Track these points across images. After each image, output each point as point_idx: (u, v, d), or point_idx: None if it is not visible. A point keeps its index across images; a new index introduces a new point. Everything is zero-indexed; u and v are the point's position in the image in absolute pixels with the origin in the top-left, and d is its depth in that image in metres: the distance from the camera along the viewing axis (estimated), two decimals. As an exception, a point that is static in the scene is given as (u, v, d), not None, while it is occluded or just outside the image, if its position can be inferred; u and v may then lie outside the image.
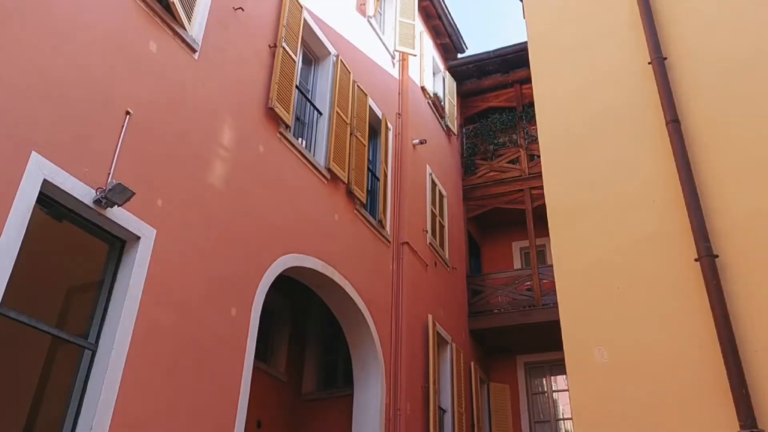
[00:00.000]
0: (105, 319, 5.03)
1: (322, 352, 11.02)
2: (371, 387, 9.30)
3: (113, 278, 5.22)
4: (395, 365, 9.73)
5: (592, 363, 5.09)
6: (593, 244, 5.54)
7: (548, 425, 13.18)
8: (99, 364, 4.82)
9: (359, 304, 9.19)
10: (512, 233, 15.57)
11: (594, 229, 5.60)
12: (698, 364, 4.67)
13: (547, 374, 13.69)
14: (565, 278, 5.52)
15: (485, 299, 13.55)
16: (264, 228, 7.24)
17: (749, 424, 4.20)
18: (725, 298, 4.66)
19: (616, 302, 5.21)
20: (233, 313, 6.39)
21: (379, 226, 10.39)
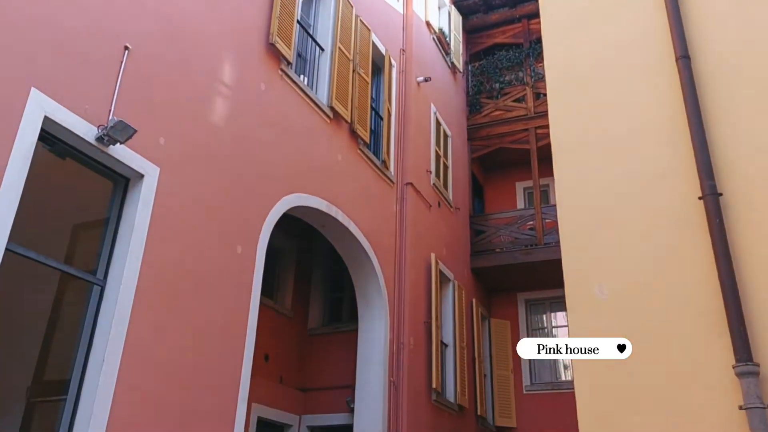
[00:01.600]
0: (112, 256, 5.10)
1: (328, 290, 11.22)
2: (375, 322, 9.50)
3: (119, 216, 5.26)
4: (399, 302, 9.91)
5: (591, 300, 5.17)
6: (597, 181, 5.53)
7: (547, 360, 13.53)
8: (108, 299, 4.92)
9: (363, 244, 9.28)
10: (516, 173, 15.53)
11: (599, 166, 5.58)
12: (697, 301, 4.75)
13: (547, 311, 13.95)
14: (568, 216, 5.54)
15: (488, 239, 13.65)
16: (267, 167, 7.23)
17: (744, 358, 4.30)
18: (727, 236, 4.68)
19: (617, 240, 5.24)
20: (239, 250, 6.47)
21: (383, 166, 10.36)
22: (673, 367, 4.64)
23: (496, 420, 12.89)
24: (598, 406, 4.80)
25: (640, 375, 4.73)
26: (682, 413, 4.49)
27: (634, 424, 4.60)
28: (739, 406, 4.26)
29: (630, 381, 4.75)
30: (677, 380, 4.59)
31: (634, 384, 4.72)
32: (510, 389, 13.17)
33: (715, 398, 4.42)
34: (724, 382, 4.42)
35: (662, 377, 4.64)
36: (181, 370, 5.40)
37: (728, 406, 4.35)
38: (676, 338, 4.72)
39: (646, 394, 4.65)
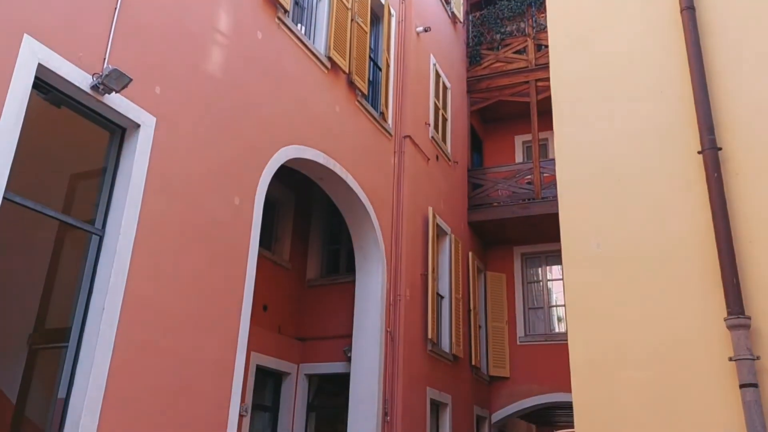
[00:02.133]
0: (110, 206, 5.10)
1: (326, 242, 11.28)
2: (372, 274, 9.60)
3: (116, 166, 5.23)
4: (396, 254, 9.99)
5: (587, 253, 5.21)
6: (597, 134, 5.50)
7: (541, 311, 13.74)
8: (107, 249, 4.95)
9: (361, 197, 9.28)
10: (515, 127, 15.44)
11: (599, 119, 5.54)
12: (692, 255, 4.79)
13: (543, 264, 14.09)
14: (566, 168, 5.53)
15: (485, 192, 13.66)
16: (264, 118, 7.16)
17: (736, 312, 4.37)
18: (725, 190, 4.70)
19: (615, 194, 5.25)
20: (237, 202, 6.47)
21: (381, 118, 10.27)
22: (666, 321, 4.72)
23: (490, 370, 13.19)
24: (590, 358, 4.90)
25: (632, 328, 4.81)
26: (672, 365, 4.59)
27: (625, 376, 4.71)
28: (729, 357, 4.35)
29: (622, 334, 4.83)
30: (669, 333, 4.67)
31: (626, 337, 4.81)
32: (504, 340, 13.42)
33: (706, 350, 4.51)
34: (715, 335, 4.51)
35: (654, 330, 4.73)
36: (181, 318, 5.48)
37: (718, 359, 4.44)
38: (670, 292, 4.78)
39: (637, 346, 4.74)
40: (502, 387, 13.28)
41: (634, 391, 4.63)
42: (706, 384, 4.44)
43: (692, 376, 4.51)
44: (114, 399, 4.68)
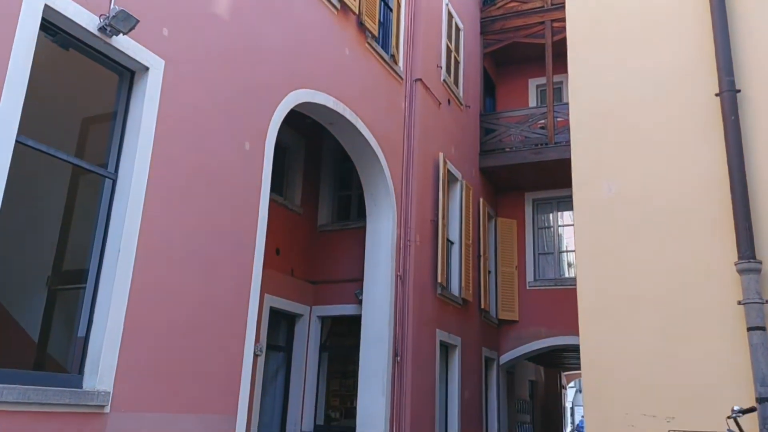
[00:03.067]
0: (122, 150, 5.11)
1: (336, 188, 11.31)
2: (383, 220, 9.65)
3: (126, 110, 5.22)
4: (406, 200, 10.00)
5: (599, 197, 5.20)
6: (612, 77, 5.39)
7: (551, 257, 13.82)
8: (120, 192, 4.99)
9: (371, 142, 9.23)
10: (529, 70, 15.14)
11: (615, 61, 5.42)
12: (704, 199, 4.77)
13: (554, 210, 14.08)
14: (580, 112, 5.45)
15: (498, 138, 13.53)
16: (273, 62, 7.06)
17: (747, 255, 4.38)
18: (741, 133, 4.62)
19: (629, 137, 5.19)
20: (247, 147, 6.46)
21: (392, 61, 10.09)
22: (676, 265, 4.74)
23: (499, 313, 13.38)
24: (598, 301, 4.95)
25: (641, 272, 4.84)
26: (680, 309, 4.64)
27: (633, 319, 4.77)
28: (738, 301, 4.39)
29: (631, 278, 4.87)
30: (678, 277, 4.70)
31: (635, 281, 4.85)
32: (514, 285, 13.57)
33: (715, 294, 4.55)
34: (724, 279, 4.53)
35: (664, 274, 4.75)
36: (195, 261, 5.57)
37: (727, 302, 4.48)
38: (681, 236, 4.78)
39: (646, 290, 4.78)
40: (511, 330, 13.51)
41: (641, 333, 4.70)
42: (713, 327, 4.50)
43: (700, 320, 4.56)
44: (132, 338, 4.82)
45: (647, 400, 4.51)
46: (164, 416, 5.08)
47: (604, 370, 4.76)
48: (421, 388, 9.51)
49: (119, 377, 4.68)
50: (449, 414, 10.92)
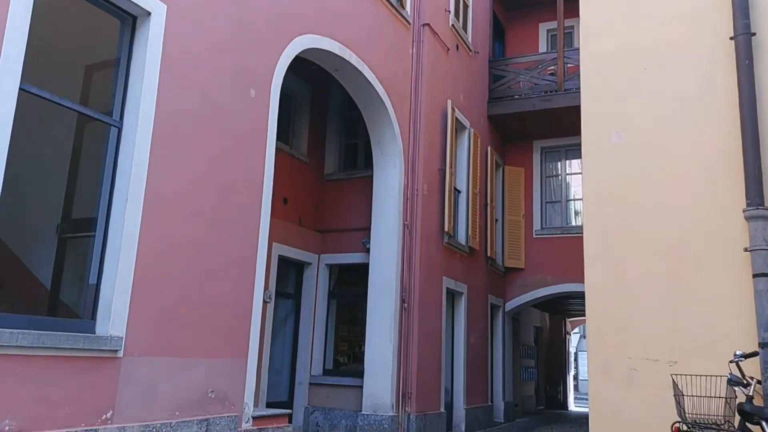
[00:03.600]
0: (126, 98, 5.07)
1: (343, 136, 11.23)
2: (390, 169, 9.62)
3: (129, 56, 5.15)
4: (413, 149, 9.94)
5: (608, 145, 5.14)
6: (625, 20, 5.25)
7: (559, 205, 13.80)
8: (126, 141, 4.98)
9: (378, 89, 9.11)
10: (540, 13, 14.77)
11: (628, 4, 5.27)
12: (715, 145, 4.70)
13: (563, 158, 13.97)
14: (591, 57, 5.34)
15: (507, 84, 13.31)
16: (278, 7, 6.90)
17: (756, 202, 4.35)
18: (755, 78, 4.52)
19: (640, 83, 5.09)
20: (252, 94, 6.39)
21: (399, 5, 9.85)
22: (683, 211, 4.72)
23: (506, 261, 13.48)
24: (604, 247, 4.96)
25: (649, 218, 4.83)
26: (686, 255, 4.64)
27: (638, 265, 4.78)
28: (744, 248, 4.39)
29: (638, 224, 4.86)
30: (685, 224, 4.69)
31: (642, 227, 4.84)
32: (520, 233, 13.61)
33: (721, 241, 4.54)
34: (732, 226, 4.52)
35: (671, 221, 4.74)
36: (203, 209, 5.60)
37: (734, 249, 4.48)
38: (690, 182, 4.75)
39: (653, 236, 4.78)
40: (517, 277, 13.63)
41: (646, 279, 4.73)
42: (718, 274, 4.51)
43: (705, 266, 4.57)
44: (143, 285, 4.90)
45: (650, 345, 4.57)
46: (176, 360, 5.21)
47: (608, 315, 4.81)
48: (428, 334, 9.67)
49: (131, 323, 4.78)
50: (455, 359, 11.15)
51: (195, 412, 5.36)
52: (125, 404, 4.69)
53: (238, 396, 5.87)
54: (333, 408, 9.61)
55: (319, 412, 9.70)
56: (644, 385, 4.52)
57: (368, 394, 8.96)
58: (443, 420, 10.01)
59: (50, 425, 4.15)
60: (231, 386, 5.80)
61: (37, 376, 4.08)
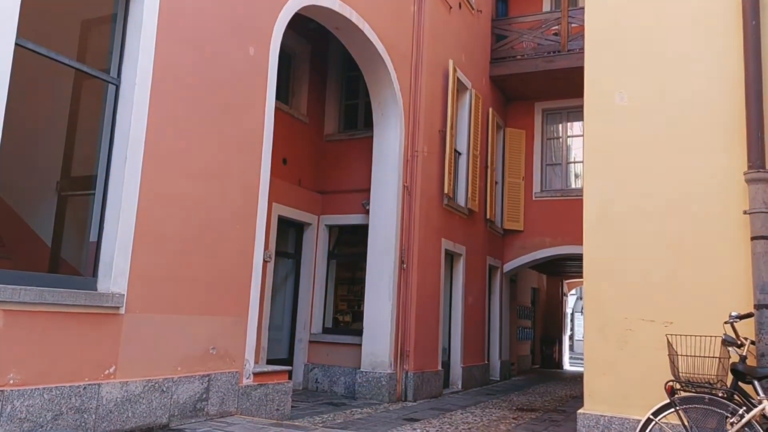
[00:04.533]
0: (123, 55, 5.01)
1: (343, 96, 11.12)
2: (390, 130, 9.56)
3: (126, 12, 5.06)
4: (414, 109, 9.86)
5: (611, 106, 5.10)
6: (631, -21, 5.14)
7: (559, 168, 13.77)
8: (124, 99, 4.93)
9: (379, 48, 8.97)
10: (544, -28, 14.44)
11: (635, -39, 5.16)
12: (717, 107, 4.67)
13: (564, 120, 13.88)
14: (596, 17, 5.25)
15: (509, 44, 13.12)
16: (277, -40, 6.75)
17: (758, 165, 4.34)
18: (761, 40, 4.46)
19: (645, 43, 5.02)
20: (251, 52, 6.30)
21: (401, -40, 9.63)
22: (683, 174, 4.71)
23: (505, 223, 13.52)
24: (604, 209, 4.97)
25: (648, 181, 4.83)
26: (685, 218, 4.65)
27: (637, 228, 4.80)
28: (743, 211, 4.40)
29: (638, 187, 4.86)
30: (685, 187, 4.69)
31: (641, 190, 4.84)
32: (520, 195, 13.61)
33: (720, 204, 4.55)
34: (732, 189, 4.52)
35: (671, 184, 4.74)
36: (202, 168, 5.59)
37: (732, 212, 4.49)
38: (691, 145, 4.73)
39: (652, 199, 4.79)
40: (516, 239, 13.69)
41: (644, 241, 4.75)
42: (716, 236, 4.53)
43: (703, 229, 4.59)
44: (143, 242, 4.93)
45: (646, 306, 4.62)
46: (178, 317, 5.28)
47: (606, 276, 4.85)
48: (426, 294, 9.77)
49: (132, 280, 4.82)
50: (453, 318, 11.29)
51: (197, 367, 5.45)
52: (128, 360, 4.77)
53: (239, 352, 5.96)
54: (332, 365, 9.78)
55: (318, 369, 9.87)
56: (639, 345, 4.59)
57: (367, 352, 9.11)
58: (440, 378, 10.20)
59: (54, 379, 4.23)
60: (232, 343, 5.88)
61: (40, 332, 4.14)
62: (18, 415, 3.95)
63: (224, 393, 5.72)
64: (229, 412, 5.75)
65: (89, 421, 4.43)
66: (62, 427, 4.23)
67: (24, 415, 3.99)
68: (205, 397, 5.50)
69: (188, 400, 5.31)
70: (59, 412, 4.22)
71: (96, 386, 4.50)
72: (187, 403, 5.30)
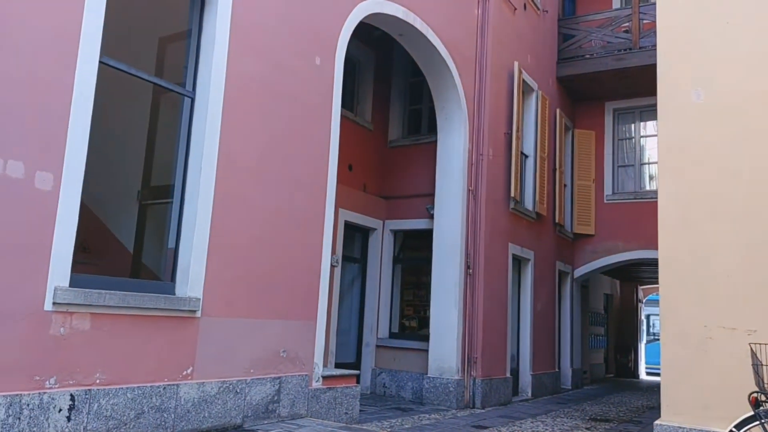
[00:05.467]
0: (198, 69, 5.23)
1: (407, 102, 11.17)
2: (454, 133, 9.52)
3: (200, 28, 5.29)
4: (479, 112, 9.78)
5: (686, 104, 4.91)
6: (706, -29, 4.94)
7: (631, 169, 13.31)
8: (199, 111, 5.15)
9: (442, 53, 8.97)
10: (613, -32, 14.04)
11: (710, -47, 4.95)
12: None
13: (636, 120, 13.42)
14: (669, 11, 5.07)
15: (577, 44, 12.82)
16: (342, -30, 6.88)
17: None
18: None
19: (722, 39, 4.81)
20: (317, 62, 6.44)
21: (464, -36, 9.59)
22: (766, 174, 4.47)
23: (575, 227, 13.19)
24: (679, 211, 4.78)
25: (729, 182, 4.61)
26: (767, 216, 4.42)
27: (716, 232, 4.59)
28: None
29: (717, 188, 4.65)
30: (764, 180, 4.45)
31: (718, 190, 4.63)
32: (591, 199, 13.25)
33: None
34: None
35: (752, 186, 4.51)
36: (272, 176, 5.75)
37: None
38: None
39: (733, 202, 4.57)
40: (586, 244, 13.33)
41: (724, 246, 4.54)
42: (804, 239, 4.27)
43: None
44: (218, 249, 5.12)
45: (727, 313, 4.41)
46: (250, 321, 5.45)
47: (683, 282, 4.66)
48: (493, 299, 9.66)
49: (208, 285, 5.02)
50: (522, 325, 11.10)
51: (268, 370, 5.60)
52: (204, 362, 4.96)
53: (308, 356, 6.08)
54: (400, 370, 9.81)
55: (386, 373, 9.93)
56: (720, 353, 4.38)
57: (434, 358, 9.09)
58: (509, 385, 10.04)
59: (136, 379, 4.45)
60: (302, 347, 6.01)
61: (123, 334, 4.37)
62: (104, 413, 4.18)
63: (294, 395, 5.85)
64: (299, 414, 5.88)
65: (168, 420, 4.63)
66: (144, 425, 4.45)
67: (109, 413, 4.22)
68: (277, 399, 5.65)
69: (260, 402, 5.47)
70: (141, 411, 4.43)
71: (175, 386, 4.70)
72: (259, 404, 5.45)
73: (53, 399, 3.90)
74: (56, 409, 3.91)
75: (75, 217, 4.07)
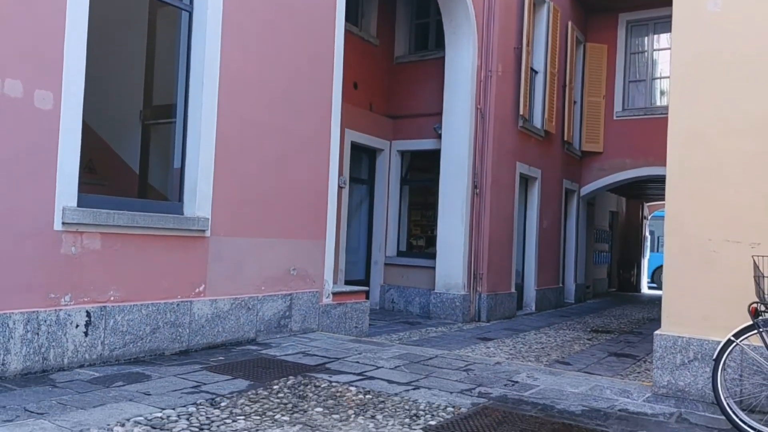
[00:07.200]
0: (195, -19, 5.04)
1: (413, 15, 10.80)
2: (462, 49, 9.26)
3: (194, -63, 5.05)
4: (488, 27, 9.47)
5: (702, 13, 4.71)
6: None
7: (643, 84, 13.01)
8: (197, 25, 5.00)
9: (450, -39, 8.58)
10: None
11: None
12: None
13: (650, 32, 12.97)
14: None
15: (591, -49, 12.22)
16: None
17: None
18: None
19: (745, -60, 4.54)
20: (319, -28, 6.18)
21: None
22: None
23: (583, 145, 13.06)
24: (691, 127, 4.69)
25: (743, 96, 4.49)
26: None
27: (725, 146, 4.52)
28: None
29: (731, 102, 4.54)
30: (784, 98, 4.33)
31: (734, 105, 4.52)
32: (600, 115, 13.04)
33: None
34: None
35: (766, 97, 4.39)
36: (275, 94, 5.65)
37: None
38: (793, 53, 4.33)
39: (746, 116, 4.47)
40: (594, 161, 13.24)
41: (733, 159, 4.48)
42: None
43: (802, 144, 4.26)
44: (224, 168, 5.11)
45: (732, 226, 4.41)
46: (259, 240, 5.52)
47: (690, 196, 4.63)
48: (500, 218, 9.71)
49: (216, 205, 5.05)
50: (527, 242, 11.22)
51: (279, 287, 5.73)
52: (215, 279, 5.07)
53: (318, 273, 6.20)
54: (407, 287, 10.02)
55: (394, 290, 10.15)
56: (723, 266, 4.42)
57: (441, 274, 9.26)
58: (513, 299, 10.27)
59: (150, 296, 4.56)
60: (312, 265, 6.12)
61: (134, 253, 4.44)
62: (120, 329, 4.32)
63: (306, 311, 6.01)
64: (311, 328, 6.06)
65: (183, 334, 4.79)
66: (160, 339, 4.60)
67: (125, 329, 4.36)
68: (288, 315, 5.81)
69: (273, 317, 5.63)
70: (156, 326, 4.58)
71: (188, 303, 4.83)
72: (271, 319, 5.62)
73: (69, 315, 4.02)
74: (73, 325, 4.04)
75: (78, 136, 4.04)
